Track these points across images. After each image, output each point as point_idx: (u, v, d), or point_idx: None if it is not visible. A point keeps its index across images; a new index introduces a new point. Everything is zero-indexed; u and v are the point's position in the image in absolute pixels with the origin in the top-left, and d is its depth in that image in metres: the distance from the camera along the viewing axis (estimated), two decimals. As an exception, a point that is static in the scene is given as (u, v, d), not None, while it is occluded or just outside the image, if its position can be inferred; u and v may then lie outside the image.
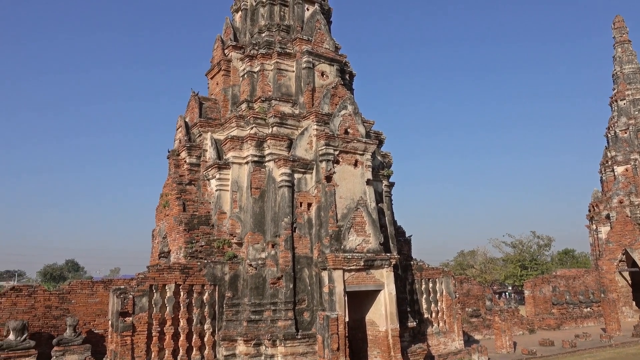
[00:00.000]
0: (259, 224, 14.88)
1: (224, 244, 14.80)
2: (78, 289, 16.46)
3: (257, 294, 14.26)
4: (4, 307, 15.22)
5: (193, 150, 16.47)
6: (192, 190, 16.04)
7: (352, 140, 15.76)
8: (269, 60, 16.76)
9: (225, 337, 13.78)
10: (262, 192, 15.17)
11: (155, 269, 13.48)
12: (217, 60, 17.93)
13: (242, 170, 15.56)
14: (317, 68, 17.04)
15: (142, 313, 12.85)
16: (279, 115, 15.70)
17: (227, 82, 17.38)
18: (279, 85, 16.54)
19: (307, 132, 15.75)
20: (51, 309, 15.91)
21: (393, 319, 14.77)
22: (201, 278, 13.92)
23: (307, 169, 15.39)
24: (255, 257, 14.55)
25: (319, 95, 16.63)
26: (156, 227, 17.11)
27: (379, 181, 17.26)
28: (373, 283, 14.85)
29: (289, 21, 17.93)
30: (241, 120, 15.83)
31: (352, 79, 19.05)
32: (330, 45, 17.53)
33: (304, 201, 15.21)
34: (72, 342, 14.53)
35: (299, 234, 14.87)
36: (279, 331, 13.57)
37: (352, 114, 16.09)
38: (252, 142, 15.36)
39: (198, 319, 13.74)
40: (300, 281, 14.54)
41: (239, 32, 18.37)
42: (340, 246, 14.48)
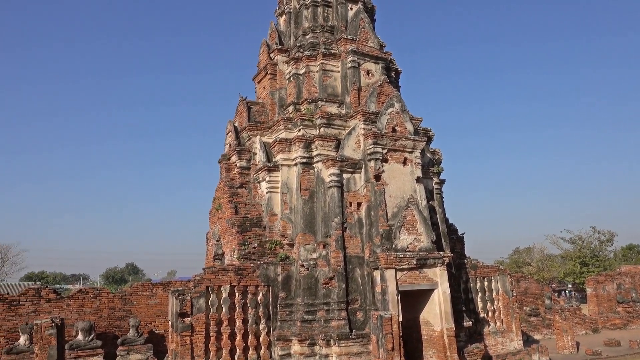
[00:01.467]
0: (309, 225, 15.00)
1: (275, 245, 15.02)
2: (139, 291, 17.15)
3: (310, 294, 14.37)
4: (73, 309, 16.07)
5: (243, 154, 16.81)
6: (243, 193, 16.37)
7: (400, 138, 15.60)
8: (314, 61, 16.86)
9: (280, 337, 13.97)
10: (312, 193, 15.28)
11: (210, 271, 13.85)
12: (263, 64, 18.21)
13: (291, 171, 15.73)
14: (363, 67, 16.99)
15: (199, 314, 13.23)
16: (325, 116, 15.76)
17: (273, 85, 17.62)
18: (325, 86, 16.61)
19: (355, 131, 15.73)
20: (115, 310, 16.66)
21: (448, 318, 14.51)
22: (255, 279, 14.18)
23: (355, 169, 15.37)
24: (306, 257, 14.68)
25: (365, 94, 16.58)
26: (210, 230, 17.58)
27: (429, 178, 17.00)
28: (426, 282, 14.64)
29: (333, 22, 17.97)
30: (288, 122, 16.00)
31: (398, 76, 18.87)
32: (374, 43, 17.43)
33: (353, 201, 15.20)
34: (135, 342, 15.17)
35: (350, 234, 14.86)
36: (333, 331, 13.62)
37: (400, 112, 15.93)
38: (300, 144, 15.50)
39: (253, 319, 14.00)
40: (352, 281, 14.53)
41: (283, 36, 18.59)
42: (391, 245, 14.37)
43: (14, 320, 15.36)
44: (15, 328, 15.25)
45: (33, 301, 15.72)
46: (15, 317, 15.39)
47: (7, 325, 15.27)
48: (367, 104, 15.99)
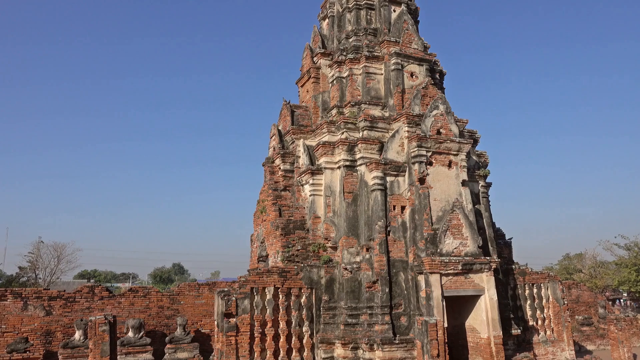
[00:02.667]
0: (352, 228, 14.98)
1: (319, 248, 15.08)
2: (186, 291, 17.61)
3: (353, 298, 14.34)
4: (124, 307, 16.68)
5: (287, 157, 16.98)
6: (287, 196, 16.53)
7: (445, 140, 15.35)
8: (357, 64, 16.85)
9: (323, 339, 14.01)
10: (355, 196, 15.25)
11: (255, 273, 14.06)
12: (306, 69, 18.35)
13: (335, 175, 15.77)
14: (406, 69, 16.84)
15: (244, 315, 13.44)
16: (369, 119, 15.72)
17: (316, 89, 17.72)
18: (368, 89, 16.56)
19: (398, 134, 15.60)
20: (163, 309, 17.17)
21: (495, 326, 14.13)
22: (298, 281, 14.28)
23: (399, 172, 15.25)
24: (350, 260, 14.66)
25: (408, 96, 16.42)
26: (254, 232, 17.85)
27: (475, 182, 16.64)
28: (472, 288, 14.32)
29: (376, 24, 17.91)
30: (332, 125, 16.05)
31: (442, 77, 18.59)
32: (418, 45, 17.24)
33: (397, 204, 15.08)
34: (183, 341, 15.58)
35: (393, 238, 14.74)
36: (376, 335, 13.53)
37: (444, 114, 15.69)
38: (343, 147, 15.52)
39: (297, 321, 14.09)
40: (396, 285, 14.40)
41: (326, 40, 18.68)
42: (436, 250, 14.14)
43: (70, 316, 16.10)
44: (70, 323, 15.98)
45: (87, 298, 16.43)
46: (71, 313, 16.13)
47: (64, 320, 16.02)
48: (411, 106, 15.83)
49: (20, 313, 15.69)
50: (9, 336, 15.41)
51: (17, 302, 15.72)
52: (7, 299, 15.66)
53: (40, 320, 15.82)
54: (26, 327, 15.65)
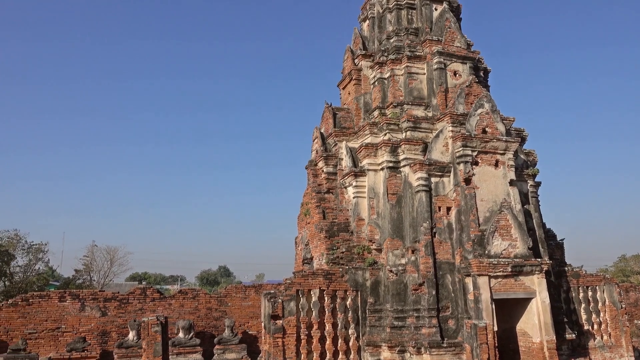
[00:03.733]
0: (397, 230, 14.86)
1: (363, 250, 15.04)
2: (233, 293, 17.96)
3: (399, 300, 14.22)
4: (174, 308, 17.19)
5: (329, 160, 17.04)
6: (330, 198, 16.59)
7: (491, 139, 15.01)
8: (398, 65, 16.73)
9: (369, 342, 13.95)
10: (399, 197, 15.13)
11: (300, 275, 14.17)
12: (347, 71, 18.37)
13: (378, 176, 15.70)
14: (449, 68, 16.57)
15: (290, 317, 13.57)
16: (412, 120, 15.57)
17: (358, 90, 17.71)
18: (410, 89, 16.41)
19: (442, 134, 15.38)
20: (211, 310, 17.58)
21: (548, 330, 13.67)
22: (343, 284, 14.29)
23: (444, 172, 15.02)
24: (395, 263, 14.55)
25: (452, 95, 16.16)
26: (298, 234, 18.00)
27: (523, 181, 16.17)
28: (523, 290, 13.91)
29: (417, 24, 17.73)
30: (374, 127, 16.00)
31: (487, 75, 18.19)
32: (461, 43, 16.94)
33: (442, 205, 14.85)
34: (231, 342, 15.89)
35: (439, 239, 14.53)
36: (424, 338, 13.35)
37: (490, 112, 15.34)
38: (386, 148, 15.44)
39: (342, 323, 14.10)
40: (443, 287, 14.17)
41: (367, 41, 18.64)
42: (484, 251, 13.83)
43: (124, 316, 16.73)
44: (124, 324, 16.60)
45: (140, 300, 17.03)
46: (124, 314, 16.76)
47: (118, 321, 16.67)
48: (455, 106, 15.57)
49: (78, 314, 16.43)
50: (68, 335, 16.16)
51: (75, 303, 16.48)
52: (66, 300, 16.44)
53: (96, 321, 16.52)
54: (84, 327, 16.38)
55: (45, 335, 16.05)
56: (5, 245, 36.26)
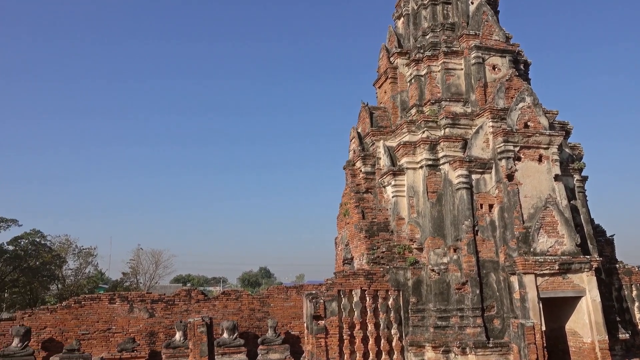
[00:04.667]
0: (438, 229, 14.66)
1: (404, 250, 14.92)
2: (275, 294, 18.16)
3: (442, 300, 14.02)
4: (218, 309, 17.53)
5: (367, 159, 16.98)
6: (369, 198, 16.53)
7: (534, 134, 14.61)
8: (435, 61, 16.51)
9: (412, 342, 13.82)
10: (439, 195, 14.93)
11: (341, 275, 14.19)
12: (383, 69, 18.27)
13: (417, 175, 15.54)
14: (488, 62, 16.22)
15: (332, 317, 13.61)
16: (450, 116, 15.33)
17: (394, 89, 17.58)
18: (448, 85, 16.16)
19: (482, 130, 15.08)
20: (254, 311, 17.82)
21: (600, 329, 13.17)
22: (385, 284, 14.22)
23: (485, 169, 14.72)
24: (436, 262, 14.36)
25: (491, 90, 15.81)
26: (338, 235, 18.02)
27: (569, 176, 15.65)
28: (571, 289, 13.47)
29: (453, 18, 17.43)
30: (412, 125, 15.84)
31: (527, 68, 17.71)
32: (499, 36, 16.55)
33: (484, 202, 14.56)
34: (274, 342, 16.07)
35: (482, 237, 14.25)
36: (468, 338, 13.12)
37: (532, 106, 14.93)
38: (424, 146, 15.26)
39: (385, 323, 14.02)
40: (487, 286, 13.89)
41: (402, 39, 18.48)
42: (529, 249, 13.47)
43: (170, 318, 17.19)
44: (171, 325, 17.06)
45: (185, 301, 17.46)
46: (171, 315, 17.22)
47: (165, 322, 17.14)
48: (495, 100, 15.23)
49: (127, 315, 16.99)
50: (118, 336, 16.74)
51: (124, 305, 17.05)
52: (116, 302, 17.04)
53: (144, 322, 17.04)
54: (132, 328, 16.92)
55: (97, 336, 16.68)
56: (58, 250, 37.94)
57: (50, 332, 16.40)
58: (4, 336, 15.81)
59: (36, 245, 35.05)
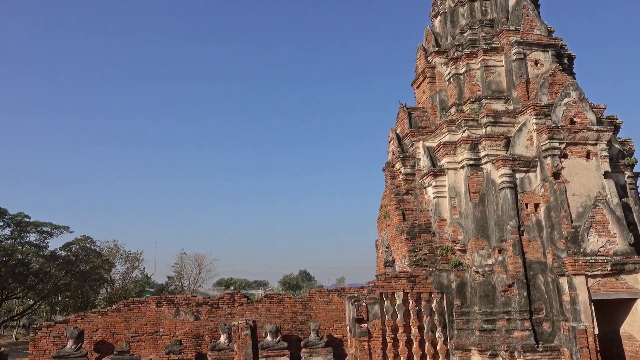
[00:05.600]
0: (481, 229, 14.36)
1: (447, 251, 14.69)
2: (317, 297, 18.21)
3: (488, 302, 13.71)
4: (261, 312, 17.74)
5: (407, 161, 16.83)
6: (409, 199, 16.37)
7: (581, 129, 14.11)
8: (474, 59, 16.20)
9: (458, 346, 13.58)
10: (482, 195, 14.62)
11: (383, 278, 14.10)
12: (421, 69, 18.08)
13: (458, 175, 15.27)
14: (529, 57, 15.79)
15: (375, 320, 13.54)
16: (491, 114, 15.01)
17: (433, 88, 17.35)
18: (488, 83, 15.82)
19: (525, 127, 14.68)
20: (297, 314, 17.93)
21: (658, 333, 12.55)
22: (428, 286, 14.03)
23: (529, 167, 14.32)
24: (481, 263, 14.06)
25: (534, 86, 15.37)
26: (379, 237, 17.92)
27: (619, 173, 15.02)
28: (625, 290, 12.90)
29: (492, 14, 17.07)
30: (452, 124, 15.59)
31: (571, 62, 17.11)
32: (541, 30, 16.08)
33: (529, 202, 14.16)
34: (317, 345, 16.12)
35: (528, 238, 13.85)
36: (516, 342, 12.76)
37: (578, 101, 14.43)
38: (465, 146, 14.99)
39: (429, 326, 13.83)
40: (535, 288, 13.49)
41: (439, 37, 18.22)
42: (578, 249, 13.00)
43: (215, 320, 17.52)
44: (216, 328, 17.38)
45: (229, 304, 17.76)
46: (215, 318, 17.55)
47: (210, 325, 17.49)
48: (538, 97, 14.79)
49: (173, 318, 17.43)
50: (165, 339, 17.19)
51: (170, 308, 17.51)
52: (163, 306, 17.51)
53: (190, 325, 17.43)
54: (179, 330, 17.34)
55: (146, 338, 17.18)
56: (106, 254, 39.36)
57: (102, 334, 17.01)
58: (59, 338, 16.51)
59: (86, 250, 36.48)
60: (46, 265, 33.48)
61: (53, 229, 34.47)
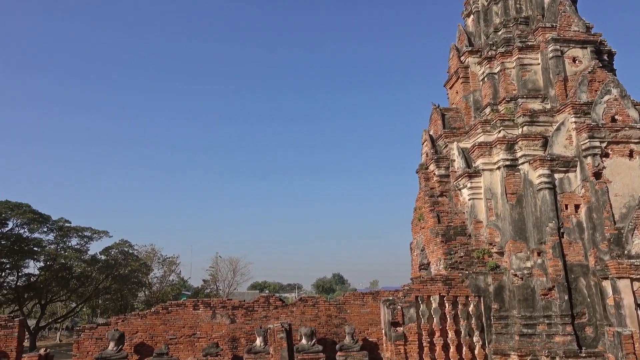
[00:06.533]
0: (519, 231, 14.04)
1: (483, 254, 14.43)
2: (351, 300, 18.15)
3: (527, 306, 13.39)
4: (295, 315, 17.80)
5: (441, 162, 16.63)
6: (444, 201, 16.16)
7: (622, 127, 13.66)
8: (509, 57, 15.89)
9: (496, 350, 13.30)
10: (519, 197, 14.30)
11: (418, 281, 13.96)
12: (454, 69, 17.85)
13: (494, 176, 14.99)
14: (567, 54, 15.38)
15: (411, 323, 13.41)
16: (528, 114, 14.68)
17: (466, 89, 17.11)
18: (524, 81, 15.48)
19: (564, 126, 14.30)
20: (331, 317, 17.91)
21: None
22: (464, 289, 13.81)
23: (568, 167, 13.93)
24: (519, 266, 13.74)
25: (572, 84, 14.96)
26: (413, 240, 17.75)
27: (665, 171, 14.42)
28: (674, 294, 12.36)
29: (527, 12, 16.71)
30: (487, 125, 15.33)
31: (611, 58, 16.58)
32: (579, 26, 15.65)
33: (569, 203, 13.77)
34: (352, 349, 16.05)
35: (568, 240, 13.47)
36: (558, 347, 12.42)
37: (619, 98, 13.97)
38: (501, 146, 14.71)
39: (466, 331, 13.60)
40: (576, 292, 13.09)
41: (472, 37, 17.96)
42: (622, 251, 12.57)
43: (250, 323, 17.69)
44: (251, 331, 17.54)
45: (264, 307, 17.89)
46: (251, 321, 17.72)
47: (246, 328, 17.66)
48: (577, 95, 14.39)
49: (210, 321, 17.69)
50: (202, 341, 17.46)
51: (207, 311, 17.78)
52: (199, 309, 17.80)
53: (226, 327, 17.65)
54: (216, 333, 17.58)
55: (184, 340, 17.49)
56: (144, 258, 40.35)
57: (142, 336, 17.42)
58: (101, 340, 17.00)
59: (125, 254, 37.50)
60: (87, 269, 34.58)
61: (93, 233, 35.60)
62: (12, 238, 30.93)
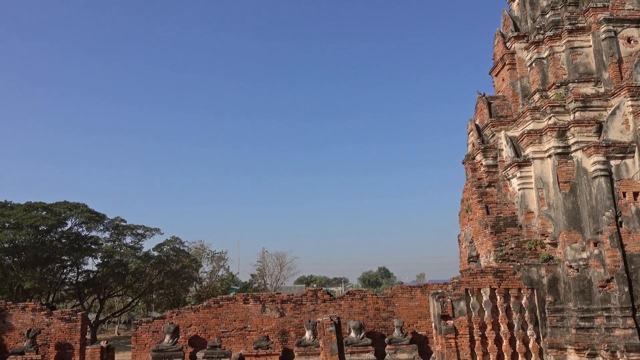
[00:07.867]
0: (573, 221, 13.55)
1: (536, 245, 14.02)
2: (399, 293, 18.10)
3: (583, 299, 12.92)
4: (344, 309, 17.93)
5: (488, 152, 16.24)
6: (492, 192, 15.79)
7: (685, 109, 12.88)
8: (558, 41, 15.29)
9: (552, 344, 12.92)
10: (572, 185, 13.79)
11: (468, 274, 13.73)
12: (499, 56, 17.34)
13: (545, 165, 14.51)
14: (621, 35, 14.65)
15: (461, 317, 13.21)
16: (580, 99, 14.10)
17: (513, 75, 16.59)
18: (575, 65, 14.86)
19: (620, 110, 13.66)
20: (379, 311, 17.93)
21: None
22: (516, 282, 13.48)
23: (626, 153, 13.31)
24: (574, 257, 13.27)
25: (627, 65, 14.24)
26: (461, 232, 17.45)
27: None
28: None
29: (576, -8, 16.00)
30: (536, 112, 14.83)
31: (671, 36, 15.64)
32: (633, 4, 14.85)
33: (627, 190, 13.16)
34: (401, 342, 16.04)
35: (627, 229, 12.88)
36: (618, 341, 11.93)
37: (680, 78, 13.18)
38: (552, 134, 14.20)
39: (519, 324, 13.28)
40: (637, 283, 12.53)
41: (518, 21, 17.37)
42: (687, 240, 11.89)
43: (299, 317, 17.96)
44: (300, 324, 17.82)
45: (312, 301, 18.12)
46: (300, 314, 17.99)
47: (295, 321, 17.95)
48: (633, 76, 13.69)
49: (260, 314, 18.09)
50: (253, 334, 17.89)
51: (257, 305, 18.18)
52: (249, 303, 18.22)
53: (276, 321, 18.00)
54: (266, 326, 17.96)
55: (235, 333, 17.97)
56: (194, 254, 41.57)
57: (195, 329, 18.02)
58: (157, 333, 17.70)
59: (176, 250, 38.79)
60: (141, 266, 36.01)
61: (146, 231, 37.02)
62: (71, 237, 32.62)
